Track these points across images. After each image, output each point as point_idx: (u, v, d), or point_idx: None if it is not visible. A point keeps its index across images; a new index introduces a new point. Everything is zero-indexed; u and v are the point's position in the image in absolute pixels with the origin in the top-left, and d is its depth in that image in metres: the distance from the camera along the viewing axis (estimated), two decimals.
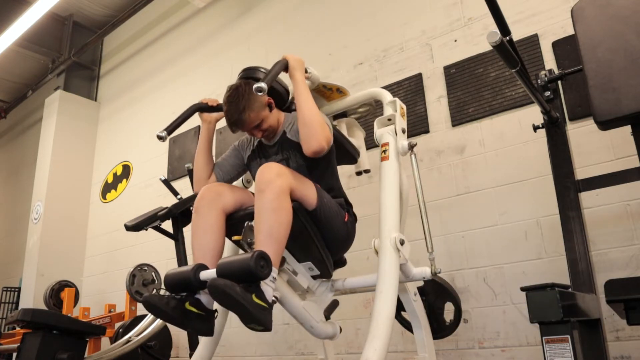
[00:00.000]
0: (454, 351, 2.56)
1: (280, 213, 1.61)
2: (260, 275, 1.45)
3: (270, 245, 1.57)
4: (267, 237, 1.58)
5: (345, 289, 1.99)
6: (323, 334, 1.84)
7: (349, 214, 1.93)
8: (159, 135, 1.88)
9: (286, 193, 1.64)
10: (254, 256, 1.42)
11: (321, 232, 1.79)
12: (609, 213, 2.29)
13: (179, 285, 1.61)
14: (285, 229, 1.61)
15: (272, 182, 1.62)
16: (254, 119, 1.85)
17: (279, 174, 1.64)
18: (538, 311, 1.29)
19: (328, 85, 2.18)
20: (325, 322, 1.86)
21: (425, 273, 1.81)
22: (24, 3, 4.95)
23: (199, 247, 1.77)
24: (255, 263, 1.42)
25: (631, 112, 1.69)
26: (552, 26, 2.64)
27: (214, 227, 1.79)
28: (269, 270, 1.47)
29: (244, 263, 1.43)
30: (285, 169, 1.70)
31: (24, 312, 2.34)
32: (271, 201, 1.60)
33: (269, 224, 1.59)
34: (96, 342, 3.56)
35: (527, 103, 2.60)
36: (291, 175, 1.70)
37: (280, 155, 1.94)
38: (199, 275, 1.58)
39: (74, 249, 5.12)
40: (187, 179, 3.84)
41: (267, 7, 4.18)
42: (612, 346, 2.07)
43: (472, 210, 2.68)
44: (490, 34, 1.37)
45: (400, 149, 1.91)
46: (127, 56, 5.61)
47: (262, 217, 1.61)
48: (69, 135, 5.43)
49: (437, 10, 3.11)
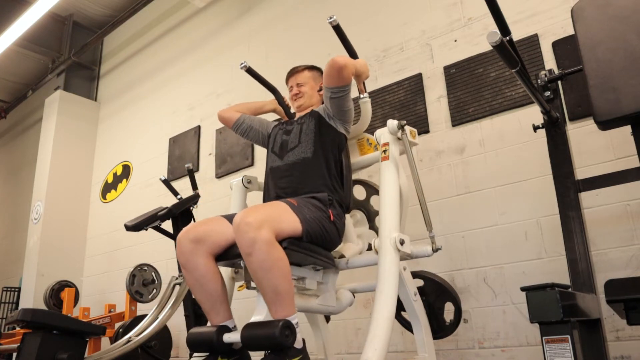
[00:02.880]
0: (454, 351, 2.56)
1: (276, 267, 1.54)
2: (287, 345, 1.47)
3: (282, 301, 1.56)
4: (275, 295, 1.56)
5: (350, 268, 2.02)
6: (343, 308, 1.96)
7: (334, 209, 1.90)
8: (243, 65, 2.28)
9: (273, 244, 1.55)
10: (279, 327, 1.45)
11: (313, 244, 1.79)
12: (609, 213, 2.28)
13: (201, 346, 1.66)
14: (288, 277, 1.58)
15: (255, 241, 1.51)
16: (305, 77, 2.23)
17: (258, 227, 1.52)
18: (538, 311, 1.29)
19: (371, 140, 2.26)
20: (339, 298, 1.94)
21: (426, 251, 1.82)
22: (24, 3, 4.95)
23: (203, 301, 1.75)
24: (280, 333, 1.45)
25: (631, 112, 1.69)
26: (552, 26, 2.64)
27: (207, 277, 1.71)
28: (293, 338, 1.49)
29: (269, 333, 1.46)
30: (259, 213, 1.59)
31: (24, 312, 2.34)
32: (263, 261, 1.53)
33: (272, 284, 1.55)
34: (96, 342, 3.56)
35: (527, 103, 2.60)
36: (268, 217, 1.60)
37: (298, 122, 2.13)
38: (222, 338, 1.61)
39: (74, 249, 5.12)
40: (187, 179, 3.84)
41: (267, 7, 4.18)
42: (612, 346, 2.07)
43: (472, 210, 2.67)
44: (490, 34, 1.37)
45: (390, 127, 1.96)
46: (127, 56, 5.61)
47: (262, 280, 1.56)
48: (69, 135, 5.43)
49: (437, 10, 3.11)
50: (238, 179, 2.31)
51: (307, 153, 2.01)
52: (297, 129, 2.11)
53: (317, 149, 2.00)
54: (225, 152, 4.06)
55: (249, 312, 1.72)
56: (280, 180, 2.03)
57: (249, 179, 2.32)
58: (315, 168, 1.97)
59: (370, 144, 2.26)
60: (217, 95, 4.32)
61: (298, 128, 2.11)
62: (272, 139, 2.20)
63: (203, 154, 4.27)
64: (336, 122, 2.07)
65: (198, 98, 4.51)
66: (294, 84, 2.25)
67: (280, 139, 2.14)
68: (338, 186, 2.00)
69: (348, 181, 2.10)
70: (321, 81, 2.22)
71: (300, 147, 2.04)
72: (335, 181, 1.99)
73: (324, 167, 1.98)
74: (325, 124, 2.07)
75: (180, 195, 3.09)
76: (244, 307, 2.87)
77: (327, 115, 2.08)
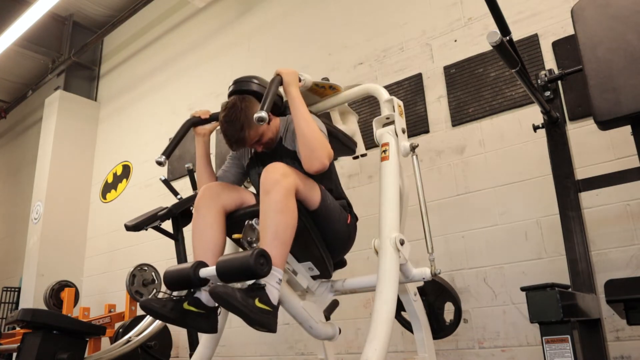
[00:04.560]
0: (454, 351, 2.56)
1: (287, 214, 1.60)
2: (260, 273, 1.44)
3: (276, 246, 1.57)
4: (273, 238, 1.58)
5: (345, 290, 1.99)
6: (322, 334, 1.82)
7: (352, 216, 1.94)
8: (157, 161, 1.89)
9: (292, 194, 1.64)
10: (253, 254, 1.42)
11: (322, 233, 1.79)
12: (609, 213, 2.28)
13: (178, 282, 1.61)
14: (291, 231, 1.61)
15: (278, 182, 1.61)
16: (254, 135, 1.82)
17: (284, 174, 1.63)
18: (538, 311, 1.29)
19: (320, 84, 2.15)
20: (325, 322, 1.85)
21: (425, 274, 1.80)
22: (24, 3, 4.95)
23: (199, 245, 1.77)
24: (255, 261, 1.41)
25: (631, 112, 1.69)
26: (552, 26, 2.64)
27: (214, 225, 1.79)
28: (268, 268, 1.47)
29: (243, 261, 1.43)
30: (290, 169, 1.69)
31: (24, 312, 2.34)
32: (278, 202, 1.59)
33: (275, 225, 1.59)
34: (96, 342, 3.56)
35: (527, 103, 2.60)
36: (296, 175, 1.69)
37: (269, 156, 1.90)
38: (198, 272, 1.57)
39: (74, 249, 5.12)
40: (187, 179, 3.84)
41: (267, 7, 4.18)
42: (612, 346, 2.07)
43: (472, 210, 2.67)
44: (490, 34, 1.37)
45: (402, 150, 1.91)
46: (127, 56, 5.61)
47: (268, 218, 1.60)
48: (69, 135, 5.43)
49: (437, 10, 3.11)
50: None
51: None
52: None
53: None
54: (225, 152, 4.06)
55: None
56: None
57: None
58: None
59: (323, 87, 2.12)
60: (217, 95, 4.31)
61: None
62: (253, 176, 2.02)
63: None
64: None
65: (198, 98, 4.51)
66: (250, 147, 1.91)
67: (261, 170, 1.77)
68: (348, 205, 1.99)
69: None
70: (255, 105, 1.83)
71: None
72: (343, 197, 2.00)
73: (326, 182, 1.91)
74: None
75: (180, 195, 3.08)
76: None
77: None
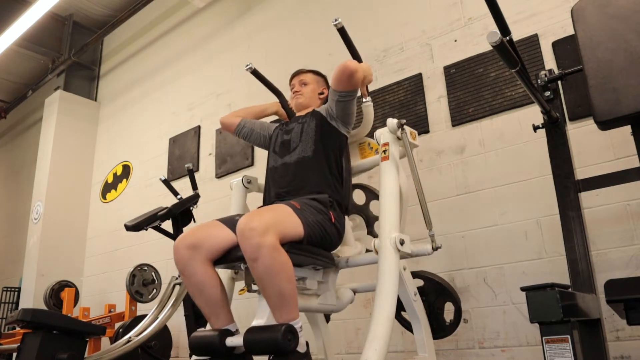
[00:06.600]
0: (454, 351, 2.56)
1: (282, 272, 1.54)
2: (288, 349, 1.46)
3: (286, 306, 1.56)
4: (279, 300, 1.56)
5: (350, 267, 2.03)
6: (344, 306, 1.96)
7: (334, 211, 1.90)
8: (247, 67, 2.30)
9: (278, 249, 1.54)
10: (281, 331, 1.45)
11: (313, 246, 1.79)
12: (609, 213, 2.28)
13: (204, 350, 1.65)
14: (293, 281, 1.58)
15: (260, 246, 1.50)
16: (310, 78, 2.28)
17: (263, 232, 1.51)
18: (538, 311, 1.29)
19: (372, 144, 2.25)
20: (339, 297, 1.94)
21: (426, 249, 1.82)
22: (24, 3, 4.95)
23: (203, 306, 1.74)
24: (283, 338, 1.45)
25: (631, 112, 1.69)
26: (552, 26, 2.64)
27: (206, 283, 1.70)
28: (296, 342, 1.49)
29: (272, 338, 1.46)
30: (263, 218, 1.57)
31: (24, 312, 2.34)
32: (269, 267, 1.51)
33: (278, 288, 1.54)
34: (96, 342, 3.56)
35: (527, 103, 2.60)
36: (272, 221, 1.58)
37: (299, 121, 2.14)
38: (224, 342, 1.60)
39: (74, 249, 5.12)
40: (187, 179, 3.84)
41: (267, 7, 4.18)
42: (612, 346, 2.07)
43: (472, 210, 2.67)
44: (490, 34, 1.37)
45: (390, 126, 1.96)
46: (127, 56, 5.61)
47: (267, 286, 1.55)
48: (69, 135, 5.43)
49: (437, 10, 3.11)
50: (238, 179, 2.31)
51: (307, 152, 2.01)
52: (298, 128, 2.11)
53: (317, 149, 2.01)
54: (225, 152, 4.06)
55: (250, 312, 1.73)
56: (281, 180, 2.03)
57: (249, 179, 2.32)
58: (315, 167, 1.97)
59: (371, 148, 2.26)
60: (217, 95, 4.32)
61: (299, 127, 2.11)
62: (273, 139, 2.21)
63: (203, 154, 4.27)
64: (338, 123, 2.07)
65: (198, 98, 4.51)
66: (297, 82, 2.29)
67: (281, 138, 2.15)
68: (338, 186, 2.00)
69: (348, 182, 2.10)
70: (323, 86, 2.31)
71: (301, 147, 2.04)
72: (335, 181, 2.00)
73: (324, 166, 1.98)
74: (326, 124, 2.07)
75: (180, 195, 3.09)
76: (244, 307, 2.88)
77: (329, 115, 2.08)
